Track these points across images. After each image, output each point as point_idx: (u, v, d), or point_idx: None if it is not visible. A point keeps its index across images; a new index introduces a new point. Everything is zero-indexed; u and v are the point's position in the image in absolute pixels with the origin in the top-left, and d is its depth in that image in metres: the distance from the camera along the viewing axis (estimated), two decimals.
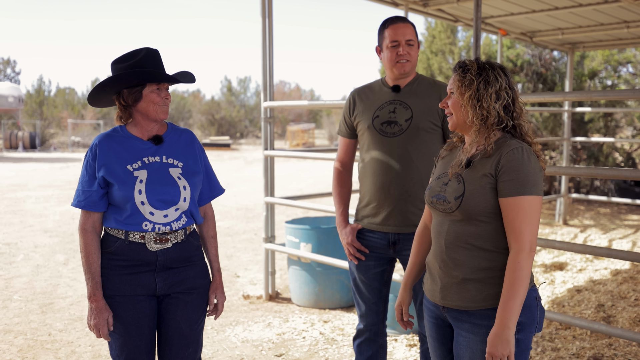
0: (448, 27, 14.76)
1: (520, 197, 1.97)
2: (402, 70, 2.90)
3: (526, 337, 2.05)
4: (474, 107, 2.06)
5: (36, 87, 44.86)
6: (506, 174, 1.99)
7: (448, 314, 2.16)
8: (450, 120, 2.17)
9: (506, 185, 1.99)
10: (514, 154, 2.00)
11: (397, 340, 4.37)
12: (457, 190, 2.08)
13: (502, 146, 2.05)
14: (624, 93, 3.68)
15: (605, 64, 12.26)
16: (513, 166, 1.99)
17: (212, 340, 4.46)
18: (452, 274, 2.10)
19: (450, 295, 2.11)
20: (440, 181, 2.19)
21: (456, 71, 2.13)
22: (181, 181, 2.46)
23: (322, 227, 5.21)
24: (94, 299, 2.39)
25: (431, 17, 7.35)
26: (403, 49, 2.88)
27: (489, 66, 2.09)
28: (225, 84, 50.48)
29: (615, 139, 10.36)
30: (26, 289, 5.77)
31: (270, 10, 5.26)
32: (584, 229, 9.04)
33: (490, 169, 2.03)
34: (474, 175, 2.06)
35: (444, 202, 2.11)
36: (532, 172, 1.99)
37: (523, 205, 1.97)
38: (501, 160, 2.01)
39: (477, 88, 2.06)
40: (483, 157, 2.07)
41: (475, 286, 2.06)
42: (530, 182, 1.98)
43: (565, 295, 5.50)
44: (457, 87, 2.11)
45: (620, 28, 7.75)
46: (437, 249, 2.17)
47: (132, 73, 2.37)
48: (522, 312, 2.03)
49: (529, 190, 1.97)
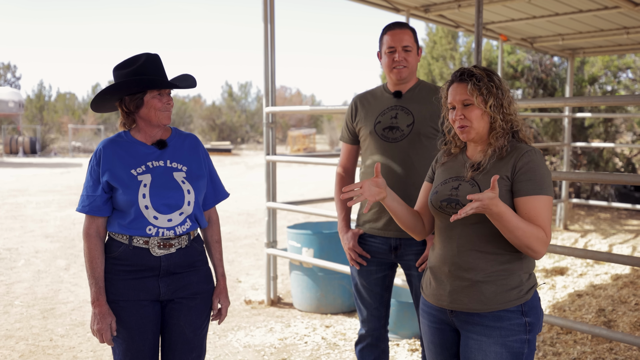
0: (449, 33, 14.79)
1: (538, 196, 2.03)
2: (399, 76, 2.92)
3: (534, 338, 2.10)
4: (499, 113, 2.11)
5: (36, 92, 44.92)
6: (524, 175, 2.04)
7: (456, 318, 2.17)
8: (468, 131, 2.12)
9: (524, 185, 2.04)
10: (529, 156, 2.06)
11: (399, 345, 4.37)
12: (472, 193, 2.09)
13: (514, 149, 2.11)
14: (624, 99, 3.70)
15: (605, 70, 12.29)
16: (530, 167, 2.05)
17: (215, 345, 4.47)
18: (463, 277, 2.12)
19: (461, 298, 2.12)
20: (448, 185, 2.19)
21: (465, 81, 2.11)
22: (185, 185, 2.47)
23: (324, 232, 5.22)
24: (98, 304, 2.39)
25: (432, 22, 7.38)
26: (399, 55, 2.90)
27: (492, 72, 2.15)
28: (226, 89, 50.49)
29: (615, 145, 10.38)
30: (27, 294, 5.78)
31: (272, 15, 5.28)
32: (584, 234, 9.04)
33: (506, 171, 2.07)
34: (488, 178, 2.09)
35: (456, 205, 2.12)
36: (546, 173, 2.07)
37: (541, 204, 2.02)
38: (517, 162, 2.06)
39: (496, 95, 2.10)
40: (497, 160, 2.11)
41: (488, 288, 2.08)
42: (546, 182, 2.05)
43: (566, 300, 5.51)
44: (475, 96, 2.08)
45: (620, 34, 7.78)
46: (446, 253, 2.17)
47: (132, 81, 2.38)
48: (531, 313, 2.09)
49: (545, 190, 2.04)
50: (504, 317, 2.06)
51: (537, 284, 2.17)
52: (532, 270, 2.16)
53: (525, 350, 2.07)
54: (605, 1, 6.17)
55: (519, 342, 2.06)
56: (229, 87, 50.11)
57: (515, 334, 2.06)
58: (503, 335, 2.05)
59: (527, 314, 2.08)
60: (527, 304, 2.09)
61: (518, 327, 2.06)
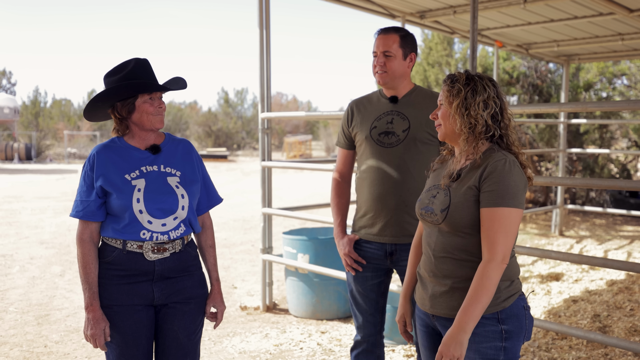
0: (445, 39, 14.85)
1: (497, 208, 1.99)
2: (380, 80, 2.95)
3: (514, 346, 2.07)
4: (461, 116, 2.09)
5: (32, 98, 44.84)
6: (487, 185, 2.02)
7: (437, 322, 2.18)
8: (439, 130, 2.20)
9: (485, 196, 2.02)
10: (496, 166, 2.02)
11: (395, 351, 4.36)
12: (443, 202, 2.10)
13: (488, 157, 2.07)
14: (619, 104, 3.71)
15: (600, 76, 12.35)
16: (494, 177, 2.01)
17: (209, 351, 4.45)
18: (441, 283, 2.13)
19: (440, 303, 2.14)
20: (429, 193, 2.21)
21: (445, 83, 2.18)
22: (179, 190, 2.47)
23: (320, 238, 5.21)
24: (91, 309, 2.38)
25: (428, 29, 7.41)
26: (378, 60, 2.92)
27: (477, 77, 2.13)
28: (222, 95, 50.40)
29: (611, 151, 10.42)
30: (22, 300, 5.75)
31: (267, 21, 5.29)
32: (579, 239, 9.06)
33: (475, 181, 2.06)
34: (460, 187, 2.09)
35: (431, 214, 2.14)
36: (512, 184, 2.00)
37: (499, 217, 1.99)
38: (484, 171, 2.04)
39: (464, 97, 2.09)
40: (472, 169, 2.09)
41: (463, 295, 2.07)
42: (509, 194, 1.99)
43: (561, 306, 5.51)
44: (445, 97, 2.15)
45: (615, 40, 7.82)
46: (426, 259, 2.20)
47: (121, 86, 2.38)
48: (509, 321, 2.05)
49: (507, 202, 1.99)
50: (479, 323, 2.03)
51: (521, 292, 2.14)
52: (515, 278, 2.13)
53: (500, 358, 2.04)
54: (600, 7, 6.20)
55: (493, 349, 2.04)
56: (225, 93, 50.04)
57: (489, 340, 2.04)
58: (477, 342, 2.04)
59: (505, 321, 2.05)
60: (504, 311, 2.05)
61: (493, 335, 2.04)
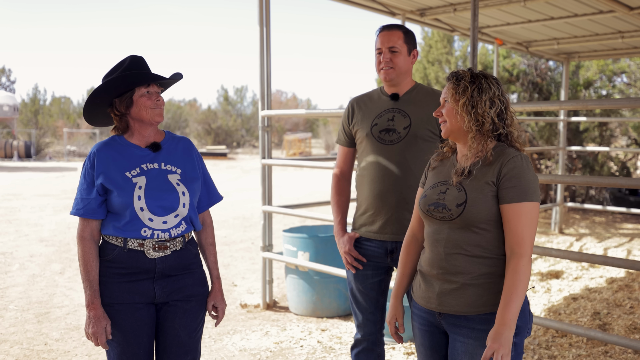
0: (445, 37, 14.84)
1: (522, 203, 2.03)
2: (385, 77, 2.93)
3: (521, 341, 2.10)
4: (469, 114, 2.11)
5: (31, 96, 44.80)
6: (509, 181, 2.05)
7: (444, 320, 2.17)
8: (444, 127, 2.20)
9: (509, 192, 2.04)
10: (515, 162, 2.06)
11: (395, 349, 4.37)
12: (458, 198, 2.11)
13: (501, 154, 2.10)
14: (618, 102, 3.71)
15: (600, 74, 12.34)
16: (515, 174, 2.05)
17: (210, 349, 4.45)
18: (451, 280, 2.13)
19: (449, 300, 2.13)
20: (436, 190, 2.21)
21: (450, 80, 2.18)
22: (180, 187, 2.47)
23: (320, 236, 5.21)
24: (92, 307, 2.38)
25: (428, 26, 7.40)
26: (384, 56, 2.91)
27: (481, 75, 2.15)
28: (221, 93, 50.36)
29: (610, 149, 10.42)
30: (22, 298, 5.75)
31: (268, 18, 5.28)
32: (579, 237, 9.06)
33: (492, 176, 2.08)
34: (475, 183, 2.10)
35: (443, 209, 2.13)
36: (532, 179, 2.06)
37: (525, 211, 2.03)
38: (503, 168, 2.06)
39: (471, 95, 2.11)
40: (484, 165, 2.11)
41: (475, 291, 2.08)
42: (531, 189, 2.04)
43: (561, 303, 5.52)
44: (451, 94, 2.15)
45: (615, 38, 7.82)
46: (434, 256, 2.19)
47: (117, 78, 2.39)
48: (519, 316, 2.06)
49: (530, 197, 2.04)
50: (491, 320, 2.05)
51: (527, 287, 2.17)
52: None
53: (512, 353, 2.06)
54: (600, 5, 6.20)
55: None
56: (225, 91, 50.02)
57: None
58: None
59: None
60: None
61: None
